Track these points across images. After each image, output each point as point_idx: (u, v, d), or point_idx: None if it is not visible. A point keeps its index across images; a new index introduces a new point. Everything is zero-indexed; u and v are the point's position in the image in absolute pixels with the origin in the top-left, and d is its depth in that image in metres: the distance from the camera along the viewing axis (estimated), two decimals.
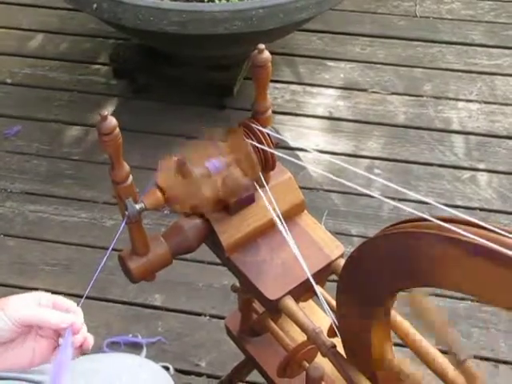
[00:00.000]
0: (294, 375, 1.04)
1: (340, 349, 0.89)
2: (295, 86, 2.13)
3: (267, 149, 0.91)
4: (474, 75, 2.14)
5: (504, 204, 1.80)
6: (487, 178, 1.87)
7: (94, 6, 1.69)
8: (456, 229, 0.63)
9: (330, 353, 0.87)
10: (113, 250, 0.86)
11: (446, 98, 2.08)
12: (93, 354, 0.98)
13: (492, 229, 0.62)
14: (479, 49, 2.23)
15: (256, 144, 0.91)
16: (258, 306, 1.10)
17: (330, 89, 2.12)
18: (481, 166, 1.90)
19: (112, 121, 0.80)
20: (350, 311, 0.85)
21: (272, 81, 2.15)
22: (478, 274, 0.63)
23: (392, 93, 2.10)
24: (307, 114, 2.05)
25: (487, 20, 2.32)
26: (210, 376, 1.49)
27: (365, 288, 0.79)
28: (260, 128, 0.91)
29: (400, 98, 2.09)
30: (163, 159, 0.87)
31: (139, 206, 0.86)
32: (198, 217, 0.96)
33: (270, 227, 0.96)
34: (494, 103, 2.06)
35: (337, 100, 2.09)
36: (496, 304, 0.66)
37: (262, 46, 0.87)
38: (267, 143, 0.91)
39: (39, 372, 0.87)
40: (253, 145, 0.90)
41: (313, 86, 2.13)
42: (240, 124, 0.93)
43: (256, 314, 1.11)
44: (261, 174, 0.93)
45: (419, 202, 0.87)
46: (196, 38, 1.72)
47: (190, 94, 2.08)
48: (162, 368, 1.00)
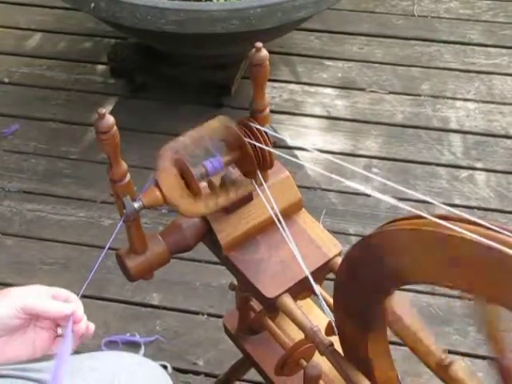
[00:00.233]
0: (292, 374, 1.04)
1: (338, 347, 0.89)
2: (293, 85, 2.13)
3: (265, 147, 0.91)
4: (472, 74, 2.15)
5: (501, 203, 1.81)
6: (485, 177, 1.87)
7: (92, 5, 1.69)
8: (453, 226, 0.63)
9: (328, 351, 0.87)
10: (111, 249, 0.87)
11: (444, 97, 2.08)
12: (91, 352, 0.98)
13: (489, 226, 0.63)
14: (477, 48, 2.23)
15: (254, 142, 0.91)
16: (255, 304, 1.10)
17: (328, 88, 2.12)
18: (478, 165, 1.90)
19: (110, 119, 0.80)
20: (348, 309, 0.85)
21: (270, 80, 2.15)
22: (476, 271, 0.63)
23: (390, 92, 2.10)
24: (305, 114, 2.05)
25: (485, 19, 2.33)
26: (207, 375, 1.49)
27: (362, 286, 0.79)
28: (258, 126, 0.91)
29: (398, 97, 2.09)
30: (161, 156, 0.87)
31: (137, 205, 0.86)
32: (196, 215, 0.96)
33: (267, 225, 0.96)
34: (492, 102, 2.06)
35: (335, 99, 2.09)
36: (495, 301, 0.66)
37: (259, 44, 0.87)
38: (265, 142, 0.91)
39: (38, 370, 0.87)
40: (251, 143, 0.91)
41: (311, 85, 2.13)
42: (238, 123, 0.93)
43: (254, 313, 1.11)
44: (259, 173, 0.93)
45: (417, 201, 0.87)
46: (194, 37, 1.72)
47: (187, 93, 2.08)
48: (160, 366, 1.00)
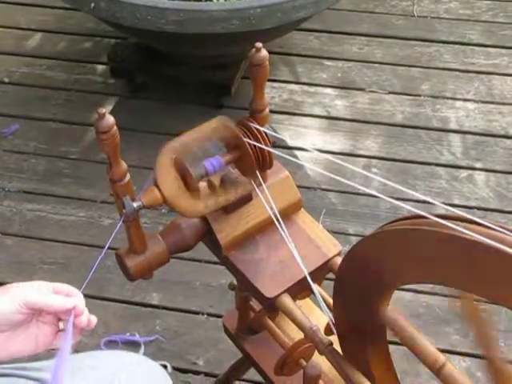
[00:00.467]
0: (292, 373, 1.04)
1: (337, 347, 0.89)
2: (293, 85, 2.14)
3: (264, 147, 0.91)
4: (472, 75, 2.15)
5: (501, 203, 1.81)
6: (484, 177, 1.87)
7: (92, 5, 1.69)
8: (453, 225, 0.63)
9: (327, 350, 0.87)
10: (110, 248, 0.87)
11: (444, 98, 2.08)
12: (91, 352, 0.98)
13: (488, 225, 0.63)
14: (477, 48, 2.23)
15: (253, 142, 0.91)
16: (255, 304, 1.10)
17: (328, 88, 2.12)
18: (478, 165, 1.90)
19: (110, 119, 0.80)
20: (347, 309, 0.85)
21: (270, 80, 2.14)
22: (475, 269, 0.64)
23: (389, 92, 2.10)
24: (305, 114, 2.05)
25: (485, 19, 2.33)
26: (207, 374, 1.49)
27: (362, 285, 0.79)
28: (257, 126, 0.91)
29: (397, 97, 2.09)
30: (160, 156, 0.87)
31: (137, 204, 0.87)
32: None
33: (267, 225, 0.97)
34: (492, 102, 2.06)
35: (334, 99, 2.09)
36: (494, 300, 0.66)
37: (259, 44, 0.88)
38: (264, 142, 0.91)
39: (38, 369, 0.87)
40: (250, 143, 0.91)
41: (310, 85, 2.13)
42: (237, 122, 0.93)
43: (253, 312, 1.11)
44: (258, 173, 0.93)
45: (417, 201, 0.87)
46: (194, 37, 1.72)
47: (187, 93, 2.08)
48: (160, 366, 1.00)
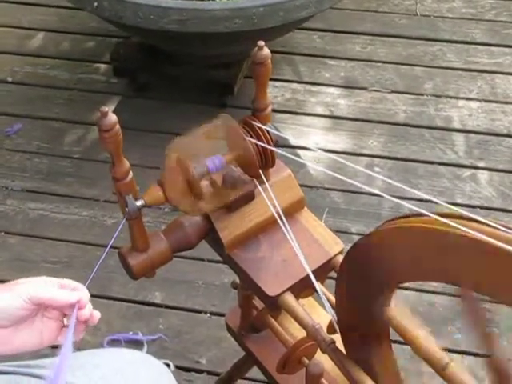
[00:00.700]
0: (294, 372, 1.04)
1: (340, 345, 0.90)
2: (295, 84, 2.14)
3: (267, 146, 0.91)
4: (475, 74, 2.15)
5: (504, 202, 1.81)
6: (487, 177, 1.87)
7: (95, 4, 1.70)
8: (455, 224, 0.63)
9: (330, 349, 0.87)
10: (113, 247, 0.87)
11: (447, 97, 2.08)
12: (93, 349, 0.98)
13: (491, 224, 0.63)
14: (480, 47, 2.23)
15: (255, 141, 0.91)
16: (257, 302, 1.10)
17: (331, 87, 2.12)
18: (481, 164, 1.90)
19: (112, 117, 0.80)
20: (350, 307, 0.85)
21: (272, 79, 2.14)
22: (476, 268, 0.64)
23: (392, 91, 2.10)
24: (307, 113, 2.06)
25: (488, 18, 2.33)
26: (210, 373, 1.50)
27: (363, 283, 0.79)
28: (259, 125, 0.91)
29: (400, 96, 2.09)
30: (164, 155, 0.88)
31: (139, 203, 0.87)
32: (198, 214, 0.96)
33: (269, 224, 0.97)
34: (495, 102, 2.06)
35: (337, 98, 2.09)
36: (495, 298, 0.66)
37: (261, 42, 0.88)
38: (267, 140, 0.91)
39: (42, 367, 0.87)
40: (252, 142, 0.91)
41: (313, 84, 2.14)
42: (240, 121, 0.93)
43: (256, 311, 1.11)
44: (260, 171, 0.93)
45: (420, 200, 0.87)
46: (196, 37, 1.73)
47: (190, 92, 2.08)
48: (163, 364, 1.00)
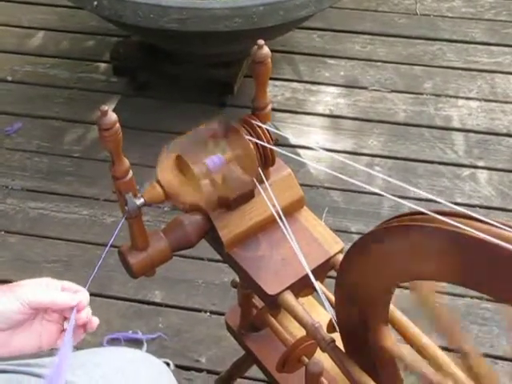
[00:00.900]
0: (294, 371, 1.04)
1: (339, 344, 0.90)
2: (295, 83, 2.14)
3: (266, 145, 0.91)
4: (475, 73, 2.15)
5: (504, 201, 1.81)
6: (487, 176, 1.87)
7: (95, 3, 1.70)
8: (454, 222, 0.63)
9: (329, 347, 0.87)
10: (113, 246, 0.87)
11: (447, 96, 2.08)
12: (93, 348, 0.98)
13: (491, 223, 0.63)
14: (479, 47, 2.23)
15: (255, 140, 0.91)
16: (257, 301, 1.11)
17: (331, 87, 2.13)
18: (481, 163, 1.90)
19: (112, 116, 0.80)
20: (349, 306, 0.85)
21: (272, 78, 2.14)
22: (476, 266, 0.64)
23: (392, 91, 2.10)
24: (307, 112, 2.06)
25: (487, 18, 2.33)
26: (210, 372, 1.50)
27: (363, 282, 0.79)
28: (259, 124, 0.91)
29: (400, 95, 2.09)
30: (162, 155, 0.88)
31: (139, 201, 0.87)
32: (198, 212, 0.96)
33: (269, 223, 0.97)
34: (494, 101, 2.06)
35: (337, 98, 2.09)
36: (496, 297, 0.66)
37: (261, 41, 0.88)
38: (266, 139, 0.91)
39: (41, 366, 0.87)
40: (252, 141, 0.91)
41: (313, 83, 2.14)
42: (240, 120, 0.93)
43: (256, 310, 1.11)
44: (260, 170, 0.93)
45: (419, 199, 0.87)
46: (196, 36, 1.73)
47: (190, 91, 2.08)
48: (163, 363, 1.00)
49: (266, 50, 0.88)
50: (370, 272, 0.77)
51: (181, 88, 2.08)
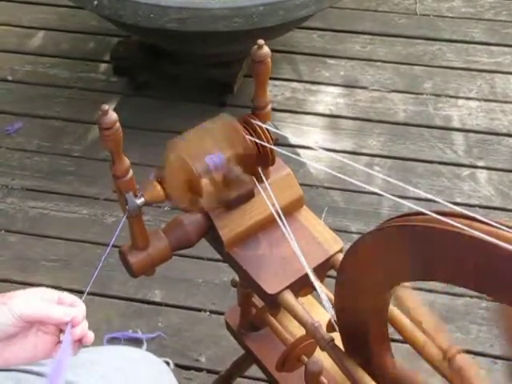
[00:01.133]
0: (293, 370, 1.04)
1: (339, 343, 0.90)
2: (295, 83, 2.14)
3: (266, 144, 0.91)
4: (474, 73, 2.15)
5: (503, 201, 1.81)
6: (487, 176, 1.87)
7: (95, 3, 1.70)
8: (454, 222, 0.63)
9: (329, 347, 0.88)
10: (114, 246, 0.87)
11: (446, 96, 2.08)
12: (93, 347, 0.99)
13: (490, 223, 0.63)
14: (479, 47, 2.23)
15: (255, 139, 0.91)
16: (257, 300, 1.11)
17: (331, 86, 2.13)
18: (480, 163, 1.90)
19: (113, 115, 0.80)
20: (349, 305, 0.85)
21: (272, 78, 2.14)
22: (476, 265, 0.64)
23: (392, 90, 2.11)
24: (307, 112, 2.06)
25: (487, 18, 2.33)
26: (209, 371, 1.50)
27: (362, 282, 0.79)
28: (259, 123, 0.92)
29: (400, 95, 2.09)
30: (164, 153, 0.88)
31: (139, 200, 0.87)
32: (198, 212, 0.96)
33: (269, 222, 0.97)
34: (494, 101, 2.06)
35: (337, 98, 2.09)
36: (496, 297, 0.66)
37: (261, 41, 0.88)
38: (266, 139, 0.92)
39: (41, 364, 0.87)
40: (252, 140, 0.91)
41: (313, 83, 2.14)
42: (240, 120, 0.94)
43: (255, 309, 1.12)
44: (260, 170, 0.93)
45: (419, 199, 0.87)
46: (196, 35, 1.73)
47: (190, 91, 2.08)
48: (163, 362, 1.01)
49: (265, 49, 0.88)
50: (370, 272, 0.77)
51: (181, 88, 2.08)
